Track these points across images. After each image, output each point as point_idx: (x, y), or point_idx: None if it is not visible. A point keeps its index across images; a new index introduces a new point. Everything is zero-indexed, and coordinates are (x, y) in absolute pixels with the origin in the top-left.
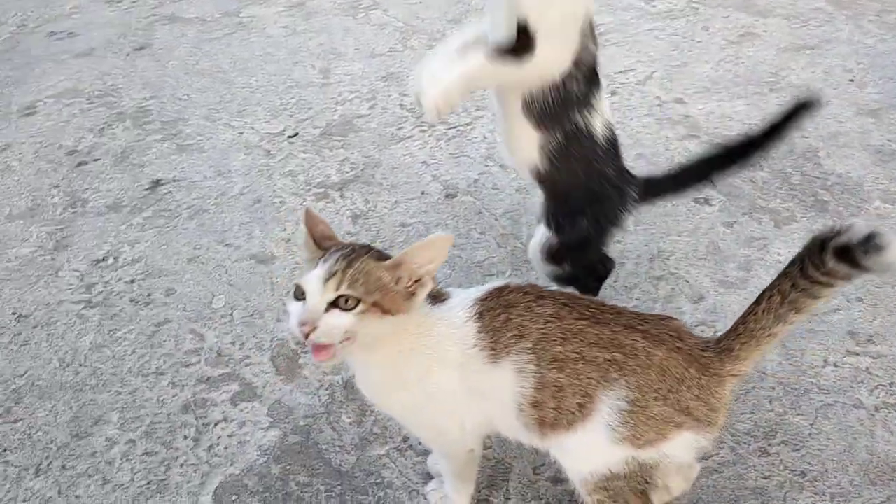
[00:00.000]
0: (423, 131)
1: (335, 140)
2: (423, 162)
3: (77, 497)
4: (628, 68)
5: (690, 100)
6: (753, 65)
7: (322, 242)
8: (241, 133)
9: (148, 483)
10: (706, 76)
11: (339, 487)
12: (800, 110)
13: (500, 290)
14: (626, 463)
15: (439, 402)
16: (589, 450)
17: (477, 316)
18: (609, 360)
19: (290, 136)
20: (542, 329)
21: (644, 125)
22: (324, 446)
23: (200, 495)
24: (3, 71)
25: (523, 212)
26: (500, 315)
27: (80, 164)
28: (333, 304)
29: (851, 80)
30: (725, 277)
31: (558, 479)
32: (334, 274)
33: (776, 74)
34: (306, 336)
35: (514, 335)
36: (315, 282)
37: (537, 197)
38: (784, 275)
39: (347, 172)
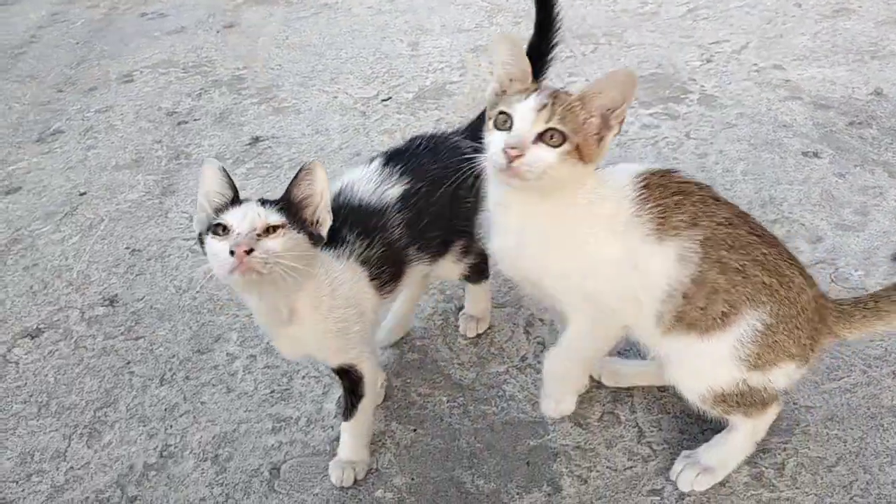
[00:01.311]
0: None
1: (429, 103)
2: None
3: (203, 403)
4: (722, 39)
5: (789, 66)
6: (852, 36)
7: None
8: (336, 97)
9: (272, 392)
10: (803, 46)
11: (462, 398)
12: None
13: (668, 172)
14: (738, 384)
15: (602, 266)
16: (710, 362)
17: (643, 186)
18: (765, 284)
19: (384, 100)
20: (715, 229)
21: (744, 88)
22: (442, 363)
23: (324, 403)
24: (100, 46)
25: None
26: (673, 195)
27: (180, 123)
28: (539, 138)
29: None
30: (842, 221)
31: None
32: (545, 106)
33: (876, 44)
34: (511, 161)
35: (686, 221)
36: (527, 111)
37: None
38: None
39: (445, 130)
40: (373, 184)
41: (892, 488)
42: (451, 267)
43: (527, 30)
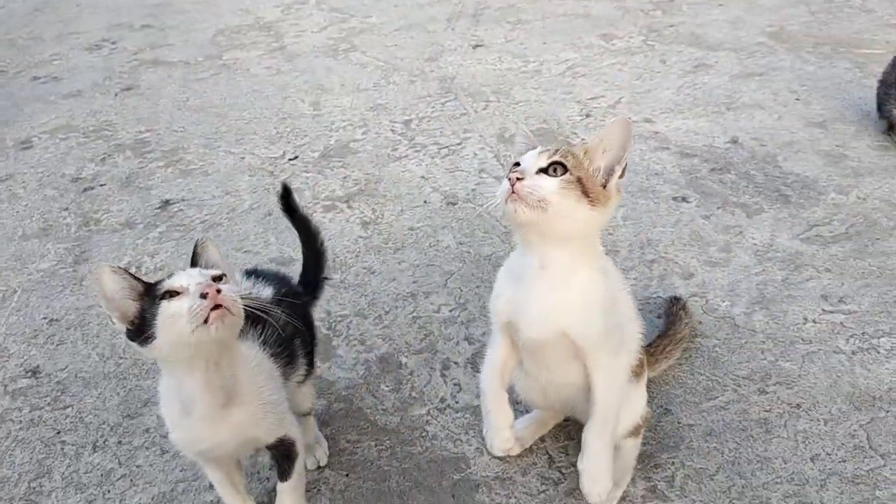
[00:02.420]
0: (418, 151)
1: (335, 161)
2: (422, 177)
3: (138, 466)
4: (598, 95)
5: (658, 119)
6: (710, 89)
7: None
8: (243, 158)
9: None
10: (669, 100)
11: (388, 441)
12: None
13: None
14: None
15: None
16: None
17: None
18: None
19: (290, 159)
20: None
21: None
22: (367, 410)
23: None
24: None
25: None
26: None
27: (86, 190)
28: (544, 172)
29: (797, 99)
30: (710, 258)
31: None
32: (547, 150)
33: (731, 97)
34: (513, 184)
35: None
36: (532, 153)
37: None
38: None
39: (351, 187)
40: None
41: (764, 490)
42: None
43: (423, 87)
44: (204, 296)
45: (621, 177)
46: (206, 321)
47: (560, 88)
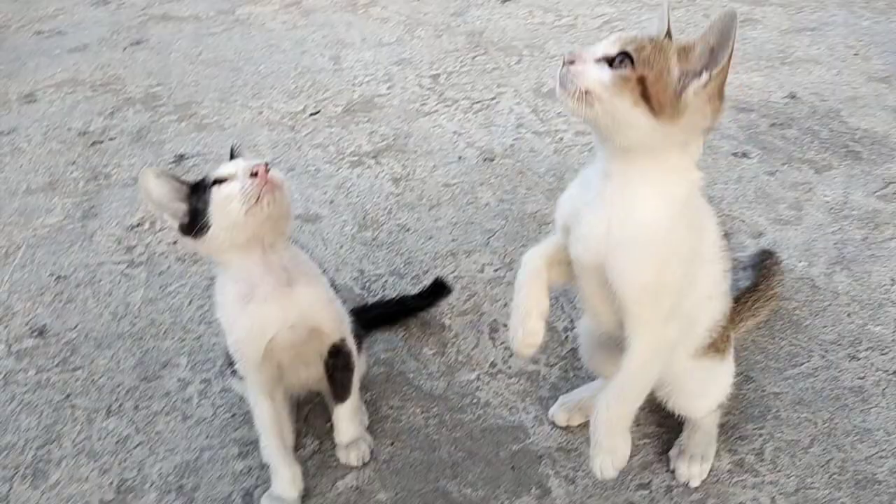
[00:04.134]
0: (448, 106)
1: (359, 116)
2: (454, 132)
3: (158, 432)
4: None
5: None
6: (760, 44)
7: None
8: (261, 112)
9: (233, 416)
10: None
11: (435, 409)
12: (439, 289)
13: None
14: None
15: (706, 278)
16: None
17: None
18: None
19: (312, 114)
20: None
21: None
22: (410, 375)
23: None
24: None
25: (565, 169)
26: None
27: (94, 144)
28: (608, 63)
29: (856, 55)
30: (779, 216)
31: None
32: (627, 36)
33: (784, 51)
34: (566, 63)
35: None
36: (611, 37)
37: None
38: None
39: (378, 142)
40: None
41: (868, 464)
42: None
43: (449, 41)
44: (254, 175)
45: (717, 90)
46: (257, 200)
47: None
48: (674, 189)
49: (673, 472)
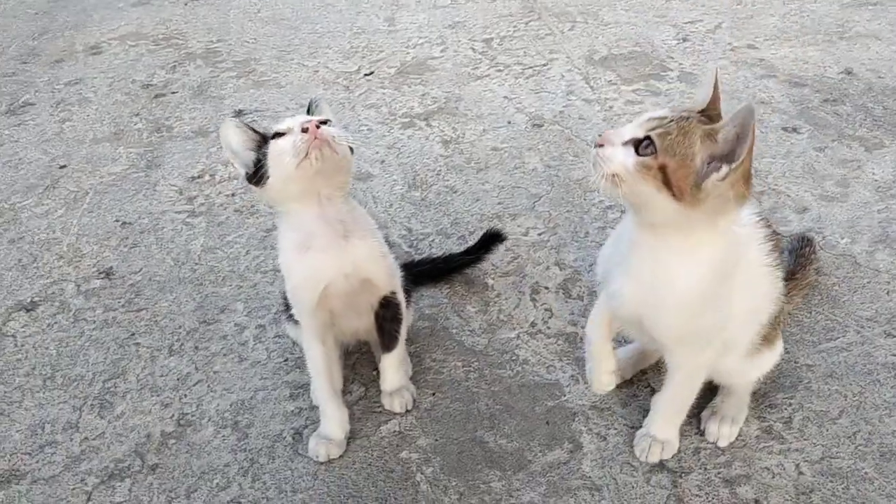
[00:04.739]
0: (500, 71)
1: (412, 78)
2: (505, 97)
3: (215, 372)
4: (696, 19)
5: (762, 46)
6: (819, 17)
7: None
8: (316, 72)
9: (285, 360)
10: (774, 26)
11: (476, 363)
12: (491, 240)
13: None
14: None
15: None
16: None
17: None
18: None
19: (366, 74)
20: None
21: (721, 66)
22: (453, 331)
23: None
24: (61, 17)
25: None
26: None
27: (157, 96)
28: (636, 146)
29: None
30: (825, 192)
31: None
32: (655, 118)
33: (842, 26)
34: (596, 146)
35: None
36: (643, 117)
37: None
38: None
39: (430, 105)
40: None
41: (893, 438)
42: None
43: (503, 5)
44: (305, 131)
45: (740, 177)
46: (306, 155)
47: (653, 11)
48: (704, 255)
49: (703, 432)
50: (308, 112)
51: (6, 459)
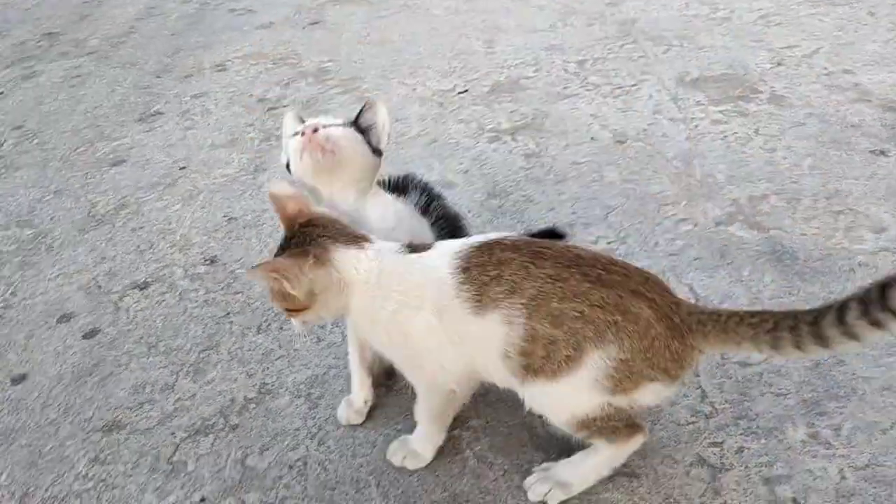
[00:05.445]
0: (589, 90)
1: (503, 96)
2: (591, 115)
3: (296, 350)
4: (793, 45)
5: (859, 71)
6: None
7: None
8: (415, 89)
9: None
10: (875, 52)
11: None
12: (549, 237)
13: (490, 246)
14: (602, 408)
15: (415, 340)
16: (569, 397)
17: (461, 269)
18: (609, 322)
19: (460, 92)
20: (541, 287)
21: (813, 90)
22: None
23: None
24: (193, 38)
25: (695, 156)
26: (490, 270)
27: (270, 109)
28: None
29: None
30: None
31: (746, 363)
32: None
33: None
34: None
35: (506, 291)
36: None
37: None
38: (793, 315)
39: (517, 121)
40: None
41: None
42: None
43: (601, 29)
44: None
45: None
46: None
47: (750, 36)
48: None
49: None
50: (360, 112)
51: (111, 412)
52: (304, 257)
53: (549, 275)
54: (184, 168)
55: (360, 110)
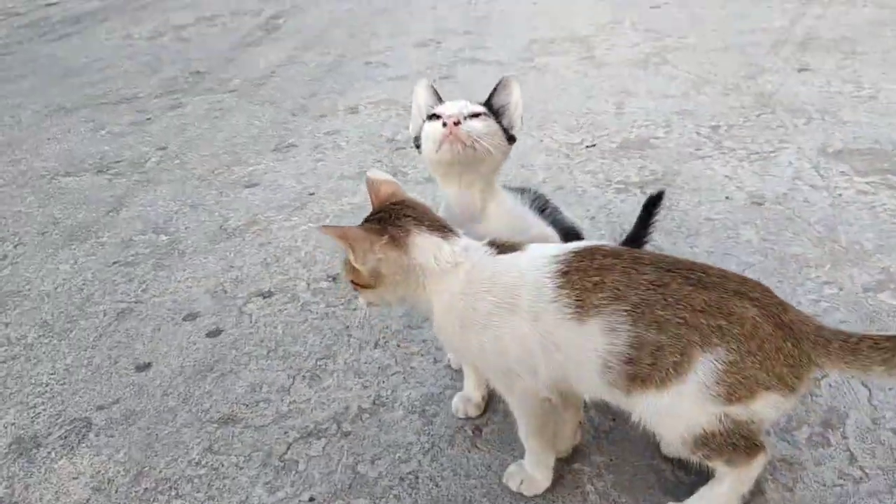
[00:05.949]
0: (724, 153)
1: (633, 152)
2: (726, 176)
3: (412, 367)
4: None
5: None
6: None
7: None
8: (541, 141)
9: None
10: None
11: None
12: (654, 205)
13: (591, 252)
14: (720, 420)
15: (507, 345)
16: (682, 407)
17: (561, 273)
18: (714, 327)
19: (588, 146)
20: (643, 293)
21: None
22: None
23: None
24: (329, 83)
25: (839, 222)
26: (591, 276)
27: (398, 149)
28: None
29: None
30: None
31: None
32: None
33: None
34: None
35: (608, 297)
36: None
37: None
38: None
39: (647, 176)
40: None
41: None
42: None
43: (736, 99)
44: (445, 125)
45: None
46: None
47: None
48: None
49: None
50: (494, 90)
51: (228, 406)
52: (379, 235)
53: (650, 280)
54: (313, 194)
55: (495, 88)
